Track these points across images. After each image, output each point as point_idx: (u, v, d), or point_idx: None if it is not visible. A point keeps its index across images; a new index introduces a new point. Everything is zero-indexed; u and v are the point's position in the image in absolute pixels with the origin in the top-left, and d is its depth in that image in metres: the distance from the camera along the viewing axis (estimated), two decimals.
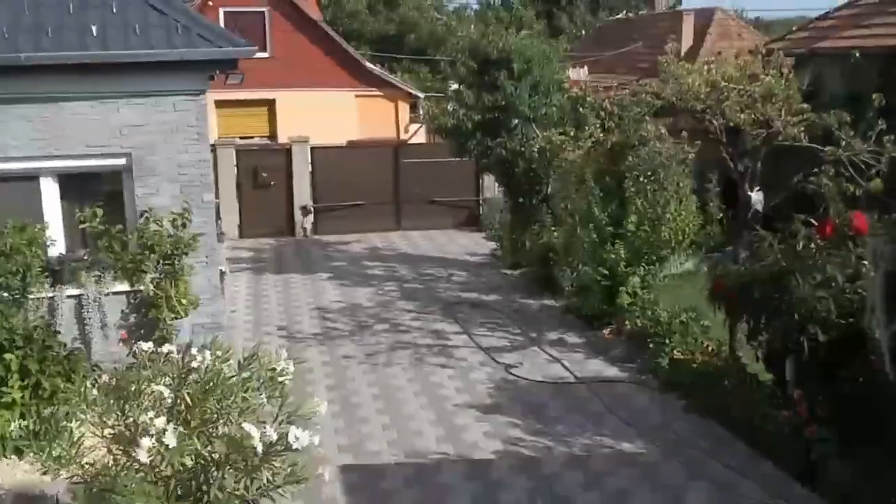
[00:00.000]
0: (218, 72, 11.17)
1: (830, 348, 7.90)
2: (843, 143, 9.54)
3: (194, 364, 6.25)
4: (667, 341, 11.26)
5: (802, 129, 9.68)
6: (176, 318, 10.40)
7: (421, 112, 15.92)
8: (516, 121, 15.65)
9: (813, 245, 8.42)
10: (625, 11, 41.32)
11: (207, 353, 6.25)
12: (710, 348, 11.10)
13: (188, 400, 6.22)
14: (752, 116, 9.90)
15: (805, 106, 9.80)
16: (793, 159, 13.88)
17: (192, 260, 11.00)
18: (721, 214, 16.04)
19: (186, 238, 9.90)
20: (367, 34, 40.69)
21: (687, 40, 25.75)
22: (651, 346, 11.44)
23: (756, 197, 10.48)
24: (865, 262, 7.86)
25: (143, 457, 5.79)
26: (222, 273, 12.18)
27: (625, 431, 9.62)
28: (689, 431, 9.55)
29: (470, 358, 12.13)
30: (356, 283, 16.54)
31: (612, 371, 11.50)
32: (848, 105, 11.28)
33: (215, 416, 6.37)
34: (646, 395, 10.63)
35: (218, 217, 12.80)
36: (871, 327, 6.83)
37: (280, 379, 6.80)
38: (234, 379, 6.47)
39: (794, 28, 23.23)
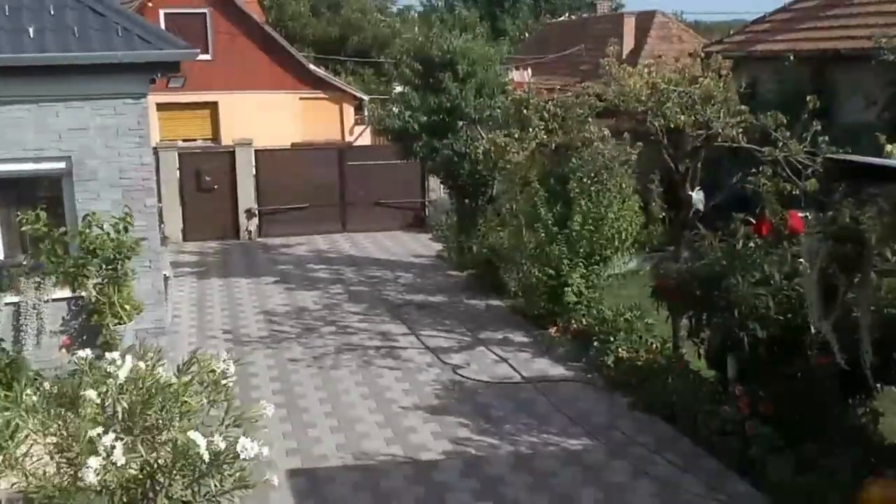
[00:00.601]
0: (159, 75, 11.03)
1: (770, 345, 8.09)
2: (781, 145, 9.80)
3: (122, 371, 6.19)
4: (611, 340, 11.42)
5: (741, 130, 9.89)
6: (119, 324, 10.25)
7: (366, 114, 15.87)
8: (461, 123, 15.71)
9: (751, 244, 8.61)
10: (567, 14, 41.76)
11: (129, 357, 6.19)
12: (653, 346, 11.29)
13: (125, 406, 6.16)
14: (693, 118, 10.09)
15: (743, 108, 10.02)
16: (732, 160, 14.18)
17: (136, 264, 10.87)
18: (663, 214, 16.32)
19: (129, 242, 9.77)
20: (309, 36, 40.45)
21: (628, 42, 26.16)
22: (596, 344, 11.59)
23: (697, 197, 10.68)
24: (801, 260, 8.07)
25: (92, 477, 5.71)
26: (166, 278, 12.04)
27: (571, 430, 9.73)
28: (635, 429, 9.69)
29: (417, 359, 12.16)
30: (302, 286, 16.47)
31: (557, 370, 11.62)
32: (783, 107, 11.56)
33: (158, 422, 6.31)
34: (591, 394, 10.77)
35: (161, 221, 12.65)
36: (811, 323, 7.02)
37: (223, 381, 6.79)
38: (175, 384, 6.44)
39: (731, 31, 23.73)
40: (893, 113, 16.00)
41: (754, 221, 8.78)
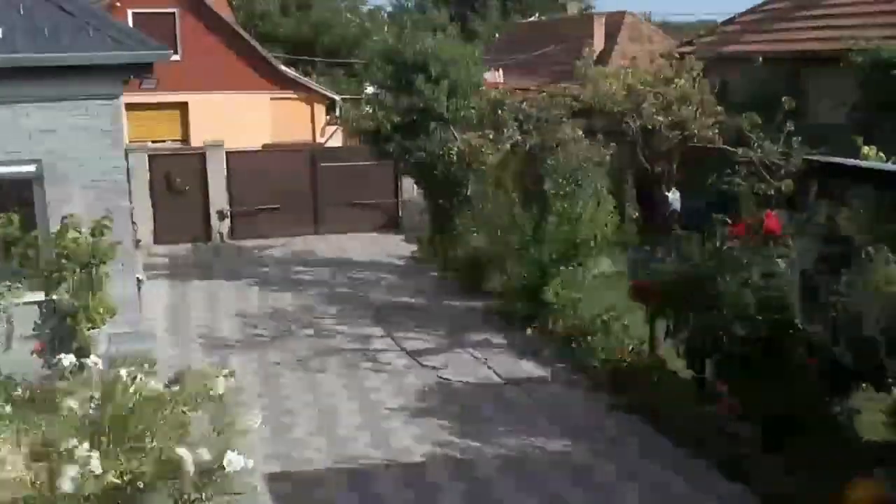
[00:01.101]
0: (132, 76, 10.87)
1: (753, 344, 8.12)
2: (756, 145, 9.87)
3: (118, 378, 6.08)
4: (591, 340, 11.43)
5: (717, 131, 9.95)
6: (93, 328, 10.08)
7: (339, 114, 15.72)
8: (434, 123, 15.67)
9: (732, 245, 8.65)
10: (537, 14, 41.84)
11: (122, 369, 6.08)
12: (632, 347, 11.31)
13: (108, 416, 6.05)
14: (669, 119, 10.13)
15: (719, 108, 10.08)
16: (708, 160, 14.26)
17: (109, 267, 10.70)
18: (636, 214, 16.40)
19: (105, 246, 9.59)
20: (279, 36, 40.17)
21: (598, 43, 26.22)
22: (576, 345, 11.59)
23: (673, 197, 10.72)
24: (780, 261, 8.12)
25: (67, 486, 5.59)
26: (139, 281, 11.88)
27: (555, 432, 9.73)
28: (618, 430, 9.71)
29: (398, 361, 12.10)
30: (277, 288, 16.33)
31: (539, 371, 11.61)
32: (753, 108, 11.65)
33: (144, 433, 6.20)
34: (574, 395, 10.77)
35: (133, 224, 12.48)
36: (798, 322, 7.06)
37: (215, 393, 6.69)
38: (163, 395, 6.33)
39: (701, 32, 23.88)
40: (864, 114, 16.19)
41: (732, 223, 8.82)
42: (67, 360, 6.14)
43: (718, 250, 8.60)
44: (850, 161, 8.54)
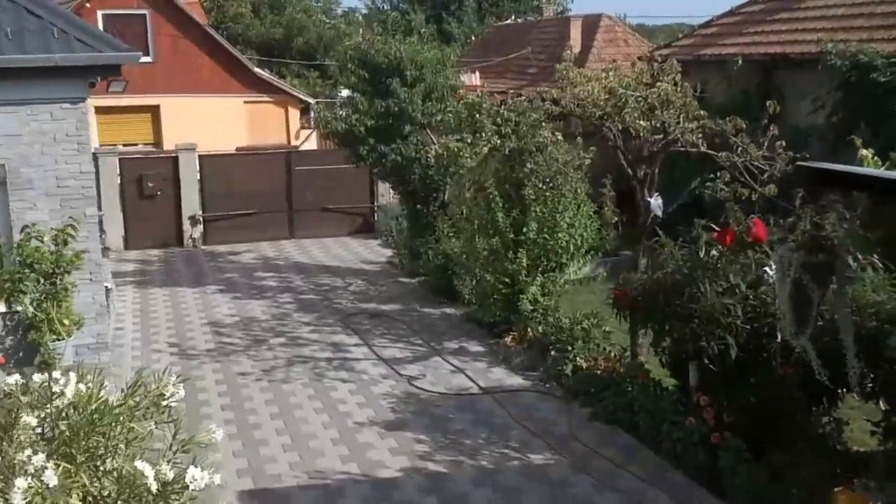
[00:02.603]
0: (99, 78, 10.56)
1: (736, 355, 7.94)
2: (739, 150, 9.71)
3: (67, 392, 5.79)
4: (569, 348, 11.22)
5: (700, 135, 9.77)
6: (59, 340, 9.76)
7: (312, 116, 15.42)
8: (409, 128, 15.41)
9: (714, 252, 8.46)
10: (513, 17, 41.71)
11: (74, 378, 5.80)
12: (612, 354, 11.13)
13: (66, 432, 5.76)
14: (652, 123, 9.94)
15: (702, 112, 9.90)
16: (690, 165, 14.10)
17: (76, 277, 10.40)
18: (616, 219, 16.23)
19: (70, 255, 9.28)
20: (252, 38, 39.81)
21: (575, 46, 26.07)
22: (553, 353, 11.38)
23: (655, 202, 10.53)
24: (767, 269, 7.95)
25: (19, 500, 5.30)
26: (108, 290, 11.55)
27: (532, 443, 9.50)
28: (596, 441, 9.49)
29: (371, 371, 11.83)
30: (249, 295, 16.03)
31: (515, 380, 11.39)
32: (731, 111, 11.51)
33: (101, 449, 5.92)
34: (551, 405, 10.55)
35: (102, 231, 12.14)
36: (784, 335, 6.86)
37: (170, 403, 6.40)
38: (120, 407, 6.05)
39: (679, 35, 23.82)
40: (841, 116, 16.13)
41: (715, 228, 8.63)
42: (14, 379, 5.83)
43: (697, 257, 8.40)
44: (847, 168, 8.39)
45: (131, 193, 20.64)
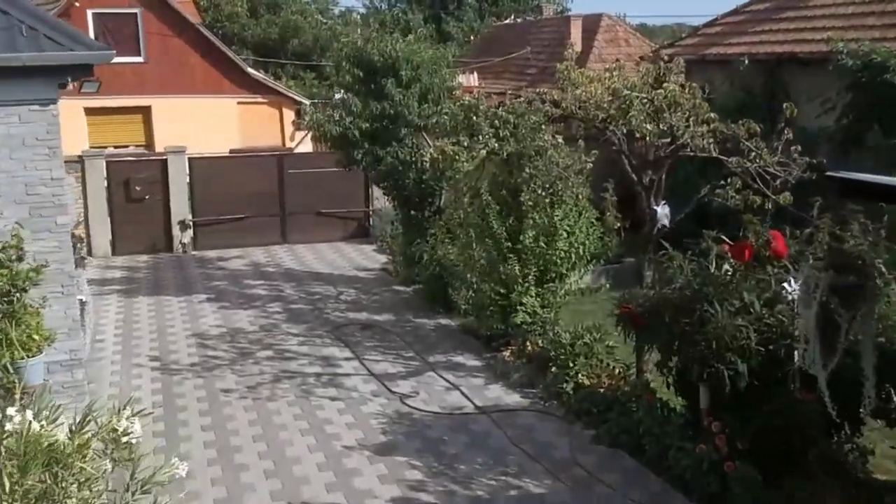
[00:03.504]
0: (70, 79, 9.93)
1: (749, 379, 7.34)
2: (753, 155, 9.11)
3: (8, 427, 5.20)
4: (571, 364, 10.61)
5: (711, 140, 9.16)
6: (22, 360, 9.11)
7: (305, 118, 14.83)
8: (404, 130, 14.80)
9: (727, 266, 7.86)
10: (512, 16, 41.10)
11: (29, 413, 5.20)
12: (616, 371, 10.53)
13: (15, 473, 5.17)
14: (660, 127, 9.33)
15: (713, 115, 9.29)
16: (688, 169, 13.49)
17: (46, 290, 9.76)
18: (618, 225, 15.59)
19: (26, 271, 8.59)
20: (248, 38, 39.18)
21: (576, 45, 25.45)
22: (554, 369, 10.77)
23: (662, 211, 9.91)
24: (785, 285, 7.35)
25: None
26: (83, 303, 10.93)
27: (530, 468, 8.89)
28: (598, 465, 8.89)
29: (362, 387, 11.22)
30: (238, 304, 15.41)
31: (513, 398, 10.78)
32: (737, 112, 10.90)
33: (47, 490, 5.33)
34: (550, 425, 9.93)
35: (78, 241, 11.51)
36: (805, 364, 6.27)
37: (128, 439, 5.80)
38: (67, 446, 5.45)
39: (682, 35, 23.21)
40: (852, 118, 15.54)
41: (726, 240, 8.02)
42: None
43: (710, 272, 7.79)
44: (882, 179, 7.80)
45: (119, 197, 20.04)
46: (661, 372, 8.97)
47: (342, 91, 15.30)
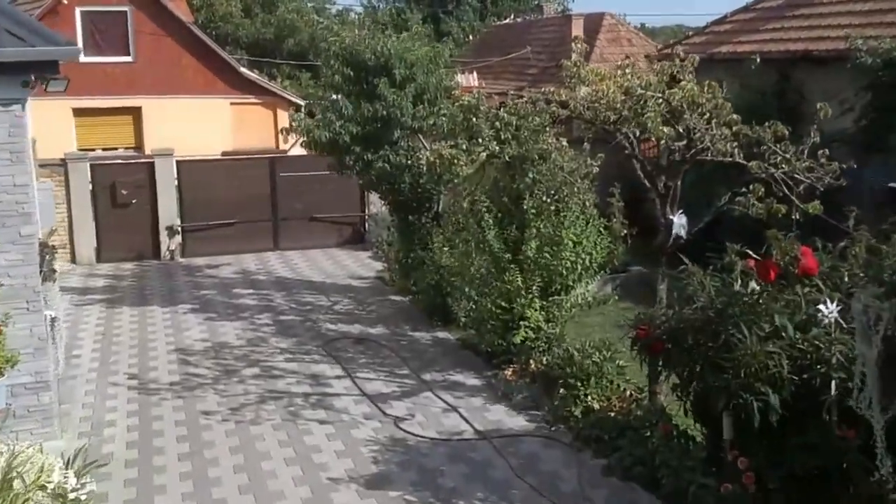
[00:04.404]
0: (34, 77, 9.13)
1: (782, 411, 6.57)
2: (779, 160, 8.34)
3: None
4: (579, 385, 9.82)
5: (736, 143, 8.37)
6: None
7: (290, 123, 14.03)
8: (398, 133, 14.00)
9: (753, 284, 7.07)
10: (513, 15, 40.35)
11: None
12: (628, 393, 9.75)
13: None
14: (677, 129, 8.55)
15: (736, 117, 8.51)
16: (699, 175, 12.68)
17: (10, 307, 9.00)
18: (625, 232, 14.82)
19: None
20: (242, 38, 38.40)
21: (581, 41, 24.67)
22: (561, 390, 9.97)
23: (678, 221, 9.12)
24: (821, 308, 6.56)
25: None
26: (53, 319, 10.14)
27: (535, 502, 8.10)
28: (610, 501, 8.10)
29: (353, 409, 10.42)
30: (225, 315, 14.62)
31: (517, 421, 9.98)
32: (747, 113, 10.13)
33: None
34: (557, 453, 9.13)
35: (47, 250, 10.71)
36: (860, 408, 5.50)
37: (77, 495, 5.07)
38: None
39: (689, 33, 22.46)
40: (871, 120, 14.78)
41: (752, 254, 7.23)
42: None
43: (735, 291, 7.01)
44: None
45: (104, 202, 19.28)
46: (678, 397, 8.19)
47: (331, 90, 14.47)
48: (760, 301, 6.84)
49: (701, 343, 7.06)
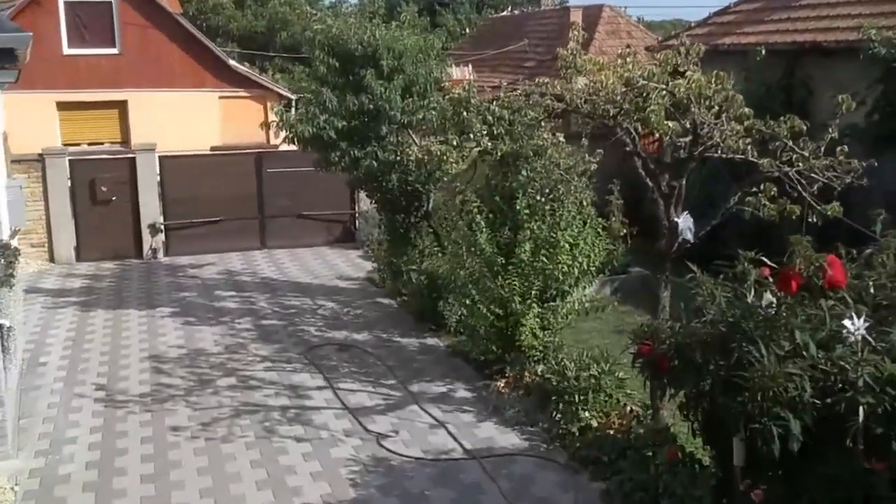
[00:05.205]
0: None
1: (803, 437, 5.85)
2: (794, 157, 7.63)
3: None
4: (576, 400, 9.11)
5: (749, 140, 7.65)
6: None
7: (273, 117, 13.37)
8: (386, 128, 13.27)
9: (768, 295, 6.34)
10: (510, 7, 39.59)
11: None
12: (628, 409, 9.04)
13: None
14: (683, 124, 7.83)
15: (748, 110, 7.79)
16: (730, 175, 11.97)
17: None
18: (624, 231, 14.11)
19: None
20: (234, 30, 37.62)
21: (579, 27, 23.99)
22: (557, 405, 9.26)
23: (684, 223, 8.40)
24: (846, 323, 5.84)
25: None
26: (7, 329, 9.41)
27: None
28: None
29: (333, 424, 9.71)
30: (204, 319, 13.90)
31: (509, 438, 9.27)
32: (753, 107, 9.43)
33: None
34: (552, 475, 8.42)
35: (14, 254, 10.00)
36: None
37: None
38: None
39: (692, 24, 21.73)
40: (884, 114, 14.07)
41: (768, 262, 6.50)
42: None
43: (749, 303, 6.29)
44: None
45: (83, 199, 18.56)
46: (685, 416, 7.47)
47: (316, 82, 13.73)
48: (778, 315, 6.11)
49: (711, 360, 6.33)
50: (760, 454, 6.40)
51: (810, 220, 7.66)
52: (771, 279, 6.31)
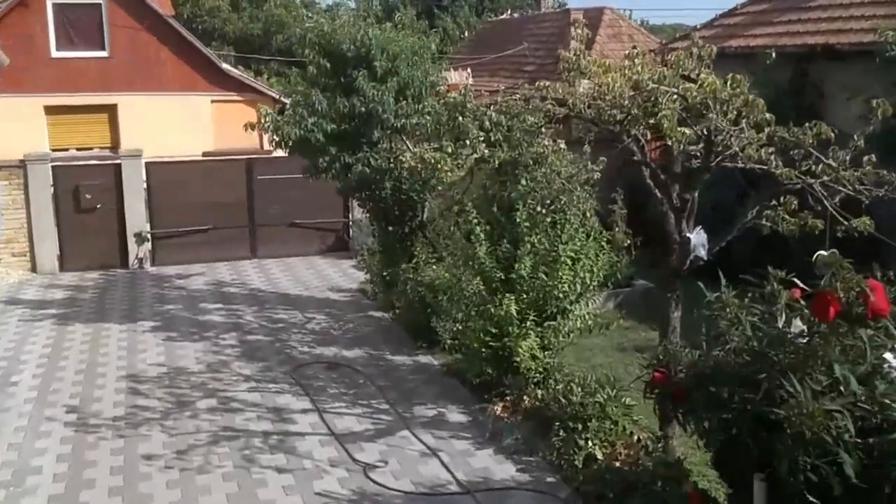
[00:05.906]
0: None
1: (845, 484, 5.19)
2: (820, 168, 6.97)
3: None
4: (579, 428, 8.43)
5: (772, 149, 6.99)
6: None
7: (260, 120, 12.75)
8: (378, 132, 12.61)
9: (798, 322, 5.68)
10: (509, 11, 38.97)
11: None
12: (636, 438, 8.36)
13: None
14: (697, 131, 7.17)
15: (768, 116, 7.13)
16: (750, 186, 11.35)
17: None
18: (628, 242, 13.45)
19: None
20: (230, 33, 37.00)
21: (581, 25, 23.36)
22: (559, 432, 8.58)
23: (697, 238, 7.72)
24: (888, 358, 5.19)
25: None
26: None
27: None
28: None
29: (318, 453, 9.02)
30: (187, 335, 13.22)
31: (507, 469, 8.58)
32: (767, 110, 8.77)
33: None
34: None
35: None
36: None
37: None
38: None
39: (697, 26, 21.09)
40: None
41: (800, 284, 5.83)
42: None
43: (781, 331, 5.62)
44: None
45: (66, 207, 17.91)
46: (700, 449, 6.82)
47: (305, 83, 13.08)
48: (812, 345, 5.44)
49: (736, 394, 5.66)
50: (787, 497, 5.75)
51: (838, 234, 7.00)
52: (803, 302, 5.64)
